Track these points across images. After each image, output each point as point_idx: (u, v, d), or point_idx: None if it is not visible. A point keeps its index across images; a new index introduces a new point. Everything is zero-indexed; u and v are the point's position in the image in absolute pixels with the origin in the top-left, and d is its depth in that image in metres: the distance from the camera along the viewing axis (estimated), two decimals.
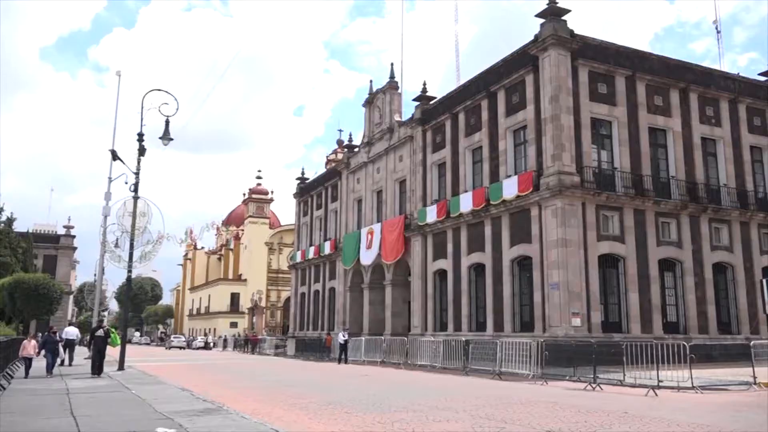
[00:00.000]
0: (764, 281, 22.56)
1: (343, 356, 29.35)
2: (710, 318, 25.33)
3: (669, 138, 26.53)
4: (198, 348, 61.84)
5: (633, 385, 15.20)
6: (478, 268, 27.89)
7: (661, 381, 14.67)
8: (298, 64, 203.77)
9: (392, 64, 37.90)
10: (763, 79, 30.31)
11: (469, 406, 11.77)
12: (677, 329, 24.61)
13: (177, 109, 21.76)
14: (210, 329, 78.63)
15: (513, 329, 24.90)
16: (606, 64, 25.41)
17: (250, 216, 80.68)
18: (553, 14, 24.62)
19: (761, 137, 28.85)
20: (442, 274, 30.61)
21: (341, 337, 30.03)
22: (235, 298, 79.51)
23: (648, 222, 24.77)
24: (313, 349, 36.38)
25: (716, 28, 38.09)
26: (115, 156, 23.98)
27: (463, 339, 23.03)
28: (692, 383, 14.54)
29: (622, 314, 23.84)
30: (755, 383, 15.04)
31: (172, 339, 68.18)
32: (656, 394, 13.86)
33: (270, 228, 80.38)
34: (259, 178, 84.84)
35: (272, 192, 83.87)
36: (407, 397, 13.60)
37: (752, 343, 16.46)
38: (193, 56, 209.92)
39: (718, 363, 20.99)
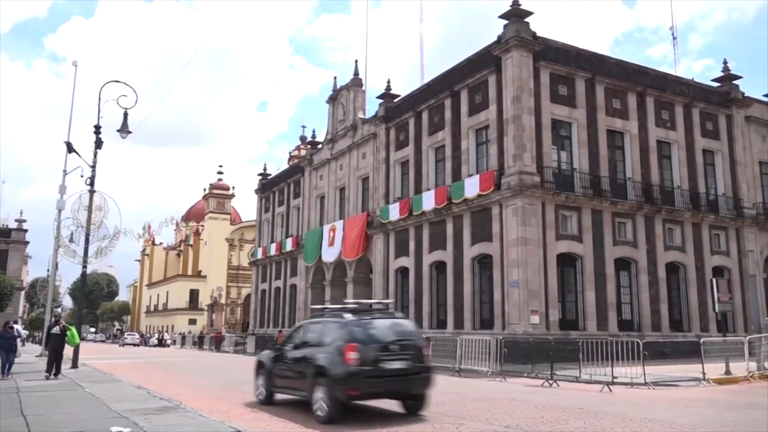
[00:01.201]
0: (714, 280, 23.34)
1: None
2: (663, 316, 26.06)
3: (626, 140, 27.17)
4: (154, 345, 60.70)
5: (588, 382, 15.54)
6: (440, 266, 28.10)
7: (616, 377, 15.03)
8: (262, 59, 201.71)
9: (356, 61, 37.84)
10: (716, 84, 31.27)
11: (429, 404, 11.84)
12: (631, 327, 25.25)
13: (136, 101, 21.31)
14: (168, 326, 77.29)
15: (473, 327, 25.17)
16: (567, 66, 25.87)
17: (211, 212, 79.59)
18: (516, 16, 24.94)
19: (713, 141, 29.79)
20: (403, 271, 30.74)
21: None
22: (194, 294, 78.34)
23: (605, 222, 25.33)
24: (274, 346, 36.00)
25: (672, 35, 39.22)
26: (70, 148, 23.33)
27: (424, 336, 23.13)
28: (645, 379, 14.95)
29: (579, 312, 24.34)
30: (704, 379, 15.55)
31: (126, 336, 66.71)
32: (611, 390, 14.21)
33: (231, 224, 79.47)
34: (220, 173, 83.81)
35: (234, 188, 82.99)
36: None
37: (702, 340, 16.99)
38: (154, 48, 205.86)
39: (670, 360, 21.60)
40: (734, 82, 31.01)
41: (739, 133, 30.36)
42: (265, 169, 52.41)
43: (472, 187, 25.52)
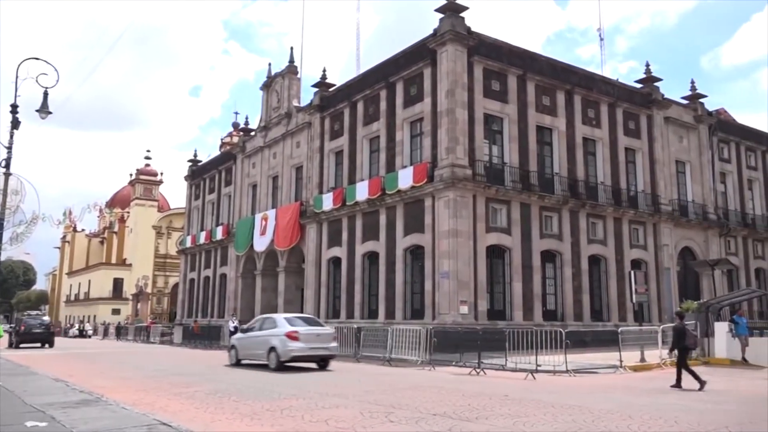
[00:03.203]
0: (632, 273, 24.57)
1: None
2: (585, 306, 27.18)
3: (554, 136, 28.06)
4: (74, 336, 58.20)
5: (514, 370, 16.03)
6: (372, 257, 28.23)
7: (540, 365, 15.57)
8: (196, 42, 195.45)
9: (292, 49, 37.56)
10: (639, 86, 32.70)
11: (358, 392, 11.93)
12: (555, 317, 26.20)
13: (57, 80, 20.20)
14: (90, 316, 74.26)
15: (404, 317, 25.46)
16: (500, 62, 26.42)
17: (137, 198, 76.86)
18: (451, 10, 25.23)
19: (635, 140, 31.19)
20: (336, 261, 30.70)
21: (231, 325, 29.35)
22: (118, 283, 75.56)
23: (533, 215, 26.12)
24: (202, 336, 35.34)
25: (600, 36, 40.84)
26: None
27: (355, 326, 23.27)
28: (567, 367, 15.57)
29: (506, 302, 25.04)
30: (621, 366, 16.36)
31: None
32: (534, 378, 14.71)
33: (159, 211, 77.01)
34: (148, 158, 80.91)
35: (162, 174, 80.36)
36: (297, 384, 13.56)
37: (620, 329, 17.82)
38: (78, 24, 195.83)
39: (590, 348, 22.55)
40: (655, 84, 32.52)
41: (658, 133, 31.90)
42: (195, 156, 51.09)
43: (405, 178, 25.72)
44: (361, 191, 28.31)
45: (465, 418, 8.93)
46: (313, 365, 17.70)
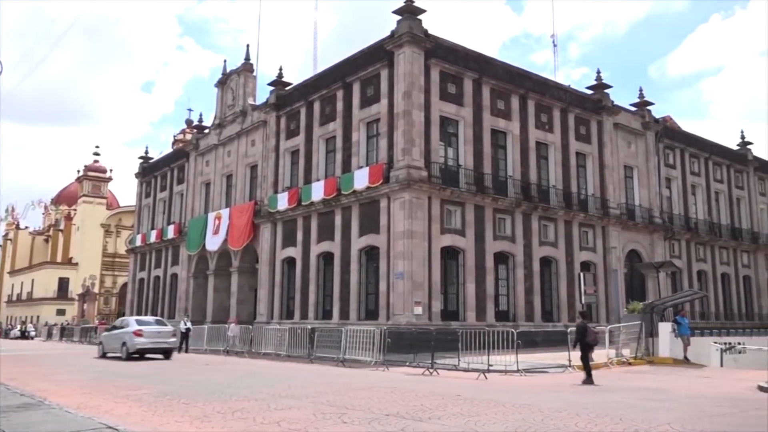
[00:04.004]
0: (582, 274, 25.20)
1: (183, 345, 28.19)
2: (536, 307, 27.71)
3: (508, 140, 28.51)
4: (15, 338, 56.03)
5: (466, 370, 16.21)
6: (327, 257, 28.12)
7: (491, 365, 15.79)
8: (149, 37, 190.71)
9: (248, 46, 36.95)
10: (590, 92, 33.55)
11: (311, 393, 11.85)
12: (507, 317, 26.62)
13: (0, 71, 19.45)
14: (33, 317, 71.63)
15: (358, 317, 25.45)
16: (456, 65, 26.70)
17: (85, 195, 74.55)
18: (409, 12, 25.36)
19: (585, 145, 31.96)
20: (290, 261, 30.47)
21: (182, 325, 28.80)
22: (63, 283, 73.12)
23: (487, 217, 26.48)
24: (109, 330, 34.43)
25: (553, 43, 41.75)
26: None
27: (309, 327, 23.14)
28: (518, 367, 15.85)
29: (459, 303, 25.31)
30: (570, 366, 16.73)
31: None
32: (486, 378, 14.91)
33: (107, 209, 74.91)
34: (96, 155, 78.55)
35: (111, 170, 78.20)
36: (250, 386, 13.39)
37: (569, 329, 18.22)
38: (24, 13, 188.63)
39: (541, 348, 23.00)
40: (605, 91, 33.44)
41: (608, 138, 32.79)
42: (147, 153, 49.95)
43: (361, 179, 25.72)
44: (317, 191, 28.18)
45: (417, 418, 8.98)
46: (160, 356, 22.47)
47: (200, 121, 42.91)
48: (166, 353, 22.52)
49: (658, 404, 10.70)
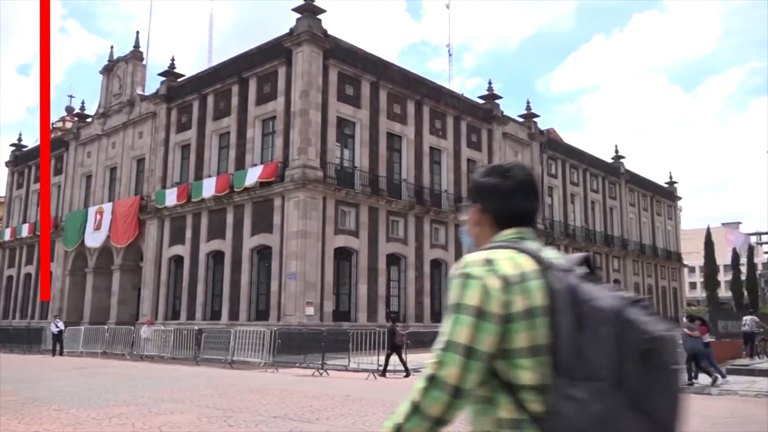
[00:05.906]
0: None
1: (57, 348, 26.34)
2: (426, 308, 28.42)
3: (404, 144, 29.08)
4: None
5: (356, 370, 16.36)
6: (218, 256, 27.34)
7: (381, 366, 16.02)
8: (29, 17, 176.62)
9: (138, 33, 35.13)
10: (481, 102, 34.91)
11: (196, 397, 11.47)
12: (398, 318, 27.05)
13: None
14: None
15: (248, 318, 24.94)
16: (354, 67, 26.86)
17: None
18: (309, 11, 25.23)
19: (476, 152, 33.23)
20: (178, 260, 29.33)
21: (54, 327, 26.90)
22: None
23: (380, 219, 26.84)
24: (20, 340, 31.97)
25: (449, 52, 42.89)
26: None
27: (196, 327, 22.39)
28: (405, 367, 16.16)
29: (351, 304, 25.47)
30: None
31: None
32: (376, 378, 15.11)
33: None
34: None
35: None
36: (129, 389, 12.73)
37: None
38: None
39: (429, 347, 23.58)
40: (496, 101, 34.94)
41: (497, 147, 34.27)
42: (20, 140, 46.17)
43: (255, 176, 25.25)
44: (208, 188, 27.32)
45: (306, 419, 8.93)
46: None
47: (82, 108, 40.27)
48: None
49: None
